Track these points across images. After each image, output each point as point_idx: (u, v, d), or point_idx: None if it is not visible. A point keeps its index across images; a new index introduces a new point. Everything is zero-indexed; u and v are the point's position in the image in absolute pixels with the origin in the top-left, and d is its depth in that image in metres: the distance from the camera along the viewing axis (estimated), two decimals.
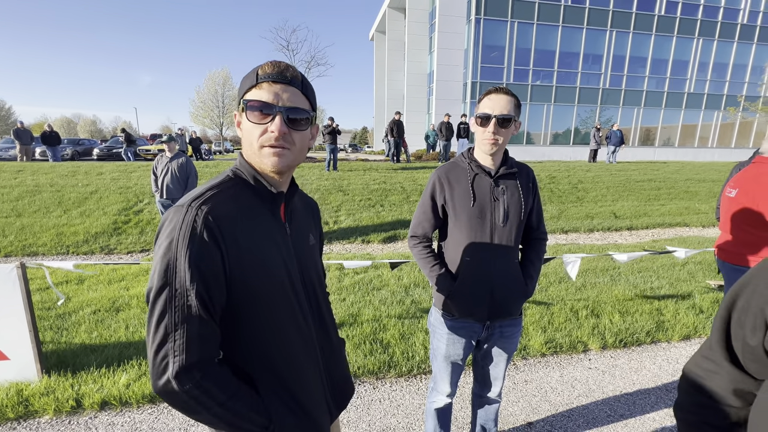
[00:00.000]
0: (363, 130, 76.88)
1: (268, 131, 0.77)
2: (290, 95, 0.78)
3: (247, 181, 0.84)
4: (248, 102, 0.77)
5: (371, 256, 5.55)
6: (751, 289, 0.66)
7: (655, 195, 10.03)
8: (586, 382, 2.52)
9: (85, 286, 4.22)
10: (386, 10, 28.64)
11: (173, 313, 0.70)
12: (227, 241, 0.74)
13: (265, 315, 0.82)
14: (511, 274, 1.44)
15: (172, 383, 0.69)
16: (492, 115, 1.30)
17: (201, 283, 0.71)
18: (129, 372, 2.47)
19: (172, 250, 0.70)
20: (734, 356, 0.70)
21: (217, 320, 0.76)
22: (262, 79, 0.77)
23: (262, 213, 0.83)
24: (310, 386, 0.90)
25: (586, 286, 4.15)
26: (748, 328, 0.65)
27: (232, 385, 0.76)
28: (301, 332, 0.88)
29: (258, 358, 0.83)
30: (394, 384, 2.48)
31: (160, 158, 5.14)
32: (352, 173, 10.51)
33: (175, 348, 0.70)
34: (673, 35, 21.68)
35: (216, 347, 0.77)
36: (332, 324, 1.03)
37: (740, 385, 0.69)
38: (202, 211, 0.72)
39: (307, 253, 0.94)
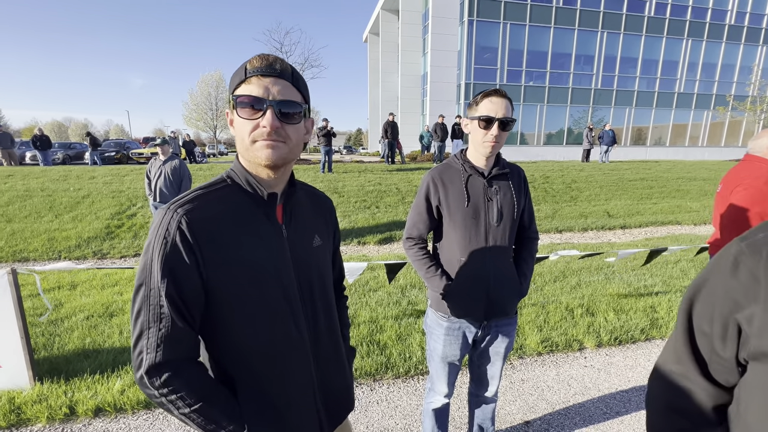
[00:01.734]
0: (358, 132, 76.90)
1: (260, 126, 0.75)
2: (281, 88, 0.76)
3: (239, 183, 0.82)
4: (238, 98, 0.74)
5: (367, 258, 5.55)
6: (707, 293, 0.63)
7: (647, 194, 10.15)
8: (582, 380, 2.53)
9: (78, 291, 4.17)
10: (379, 11, 28.70)
11: (147, 312, 0.71)
12: (202, 245, 0.73)
13: (248, 321, 0.80)
14: (506, 273, 1.45)
15: (144, 379, 0.71)
16: (495, 118, 1.30)
17: (172, 285, 0.71)
18: (123, 378, 2.44)
19: (149, 252, 0.72)
20: (706, 369, 0.64)
21: (193, 323, 0.75)
22: (251, 73, 0.75)
23: (254, 216, 0.81)
24: (297, 397, 0.86)
25: (581, 285, 4.18)
26: (717, 337, 0.61)
27: (206, 389, 0.75)
28: (291, 339, 0.85)
29: (239, 364, 0.81)
30: (391, 385, 2.47)
31: (153, 161, 5.08)
32: (347, 175, 10.50)
33: (148, 345, 0.71)
34: (662, 36, 21.99)
35: (190, 348, 0.77)
36: (335, 333, 0.97)
37: (717, 400, 0.64)
38: (178, 214, 0.72)
39: (310, 255, 0.90)
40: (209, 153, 31.76)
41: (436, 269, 1.46)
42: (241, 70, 0.76)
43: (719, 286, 0.61)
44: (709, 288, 0.63)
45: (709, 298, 0.62)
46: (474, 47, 20.27)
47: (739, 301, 0.58)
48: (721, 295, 0.60)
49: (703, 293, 0.63)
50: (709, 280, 0.63)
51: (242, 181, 0.82)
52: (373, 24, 31.50)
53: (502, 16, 20.08)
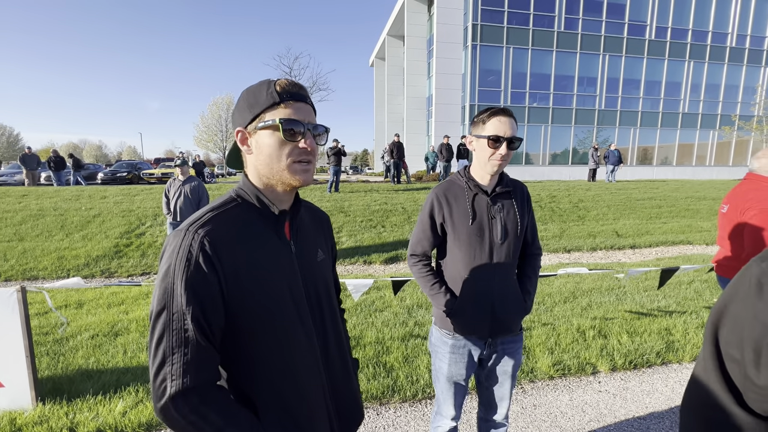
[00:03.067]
0: (364, 153, 77.98)
1: (299, 147, 0.79)
2: (309, 112, 0.81)
3: (250, 201, 0.84)
4: (284, 121, 0.77)
5: (373, 277, 5.50)
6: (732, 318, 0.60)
7: (656, 213, 10.04)
8: (596, 406, 2.43)
9: (84, 310, 4.17)
10: (385, 37, 29.68)
11: (171, 337, 0.70)
12: (224, 265, 0.74)
13: (266, 338, 0.80)
14: (511, 290, 1.44)
15: (170, 407, 0.69)
16: (504, 138, 1.32)
17: (197, 307, 0.71)
18: (126, 399, 2.40)
19: (169, 275, 0.71)
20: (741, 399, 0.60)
21: (215, 344, 0.75)
22: (286, 98, 0.78)
23: (265, 233, 0.82)
24: (314, 411, 0.87)
25: (592, 306, 4.09)
26: (749, 364, 0.58)
27: (231, 411, 0.74)
28: (305, 354, 0.85)
29: (259, 382, 0.81)
30: (398, 409, 2.40)
31: (172, 182, 5.25)
32: (353, 194, 10.58)
33: (173, 372, 0.69)
34: (664, 58, 22.31)
35: (214, 371, 0.76)
36: (341, 344, 0.98)
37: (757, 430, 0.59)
38: (198, 234, 0.73)
39: (315, 269, 0.92)
40: (218, 173, 32.37)
41: (440, 286, 1.45)
42: (268, 93, 0.78)
43: (745, 309, 0.58)
44: (733, 311, 0.60)
45: (736, 322, 0.60)
46: (478, 70, 20.73)
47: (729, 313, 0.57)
48: (749, 319, 0.57)
49: (728, 317, 0.60)
50: (733, 303, 0.60)
51: (253, 199, 0.84)
52: (380, 49, 32.51)
53: (505, 41, 20.61)
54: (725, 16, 22.35)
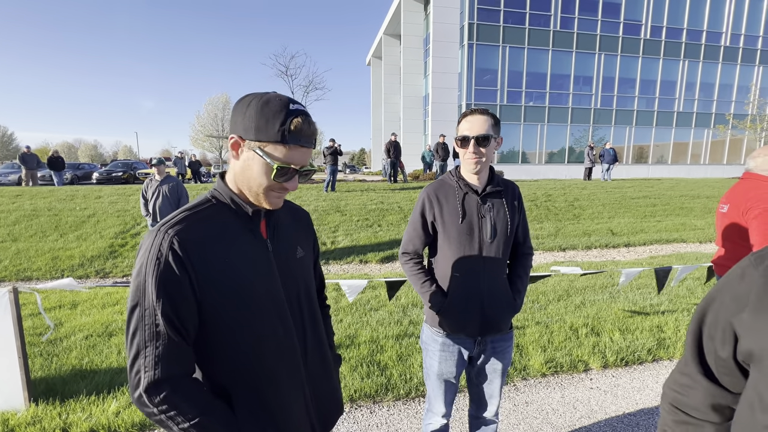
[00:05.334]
0: (361, 152, 77.90)
1: (281, 186, 0.83)
2: (307, 156, 0.84)
3: (224, 202, 0.85)
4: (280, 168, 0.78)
5: (369, 276, 5.51)
6: (718, 302, 0.67)
7: (651, 211, 10.11)
8: (588, 403, 2.46)
9: (78, 310, 4.16)
10: (382, 36, 29.63)
11: (144, 331, 0.73)
12: (195, 263, 0.75)
13: (242, 335, 0.82)
14: (500, 289, 1.46)
15: (143, 397, 0.72)
16: (470, 136, 1.35)
17: (168, 304, 0.73)
18: (119, 399, 2.40)
19: (141, 273, 0.74)
20: (708, 370, 0.70)
21: (188, 339, 0.77)
22: (295, 141, 0.78)
23: (240, 232, 0.84)
24: (291, 405, 0.89)
25: (586, 304, 4.12)
26: (718, 340, 0.66)
27: (204, 402, 0.77)
28: (282, 350, 0.87)
29: (235, 377, 0.83)
30: (391, 408, 2.41)
31: (149, 182, 5.05)
32: (349, 194, 10.58)
33: (146, 364, 0.73)
34: (659, 57, 22.43)
35: (187, 364, 0.79)
36: (320, 339, 1.00)
37: (718, 399, 0.69)
38: (168, 234, 0.75)
39: (294, 266, 0.94)
40: (214, 173, 32.26)
41: (431, 284, 1.47)
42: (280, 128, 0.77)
43: (727, 293, 0.66)
44: (719, 297, 0.68)
45: (719, 305, 0.68)
46: (474, 69, 20.76)
47: (738, 305, 0.64)
48: (726, 302, 0.66)
49: (715, 302, 0.68)
50: (721, 290, 0.68)
51: (227, 200, 0.85)
52: (376, 48, 32.47)
53: (501, 40, 20.65)
54: (719, 15, 22.49)
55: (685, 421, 0.72)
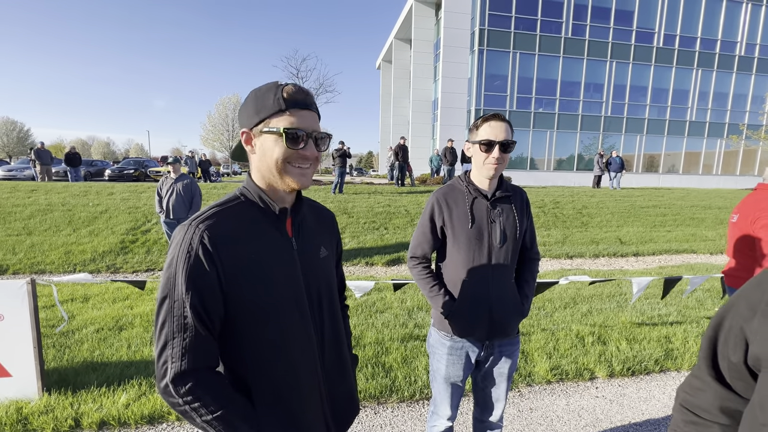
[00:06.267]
0: (369, 155, 78.10)
1: (300, 154, 0.83)
2: (314, 120, 0.85)
3: (252, 200, 0.88)
4: (287, 131, 0.80)
5: (375, 278, 5.53)
6: (735, 308, 0.69)
7: (660, 221, 9.99)
8: (593, 411, 2.45)
9: (90, 304, 4.24)
10: (392, 40, 29.79)
11: (172, 323, 0.75)
12: (223, 259, 0.78)
13: (264, 330, 0.84)
14: (509, 293, 1.46)
15: (170, 387, 0.74)
16: (495, 141, 1.36)
17: (196, 297, 0.75)
18: (129, 392, 2.45)
19: (172, 266, 0.77)
20: (720, 374, 0.72)
21: (214, 332, 0.79)
22: (291, 105, 0.81)
23: (266, 230, 0.86)
24: (308, 402, 0.90)
25: (592, 312, 4.09)
26: (731, 345, 0.68)
27: (226, 395, 0.79)
28: (302, 347, 0.89)
29: (256, 372, 0.85)
30: (395, 409, 2.43)
31: (164, 179, 5.24)
32: (357, 196, 10.63)
33: (173, 355, 0.75)
34: (672, 66, 22.21)
35: (212, 357, 0.80)
36: (339, 339, 1.01)
37: (727, 402, 0.71)
38: (199, 229, 0.77)
39: (317, 266, 0.95)
40: (224, 172, 32.59)
41: (440, 288, 1.48)
42: (275, 99, 0.81)
43: (743, 300, 0.69)
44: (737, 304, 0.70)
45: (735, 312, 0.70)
46: (484, 75, 20.75)
47: (751, 312, 0.66)
48: (741, 309, 0.68)
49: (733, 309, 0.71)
50: (739, 297, 0.71)
51: (255, 197, 0.88)
52: (386, 52, 32.64)
53: (511, 46, 20.62)
54: (734, 24, 22.22)
55: (694, 422, 0.75)
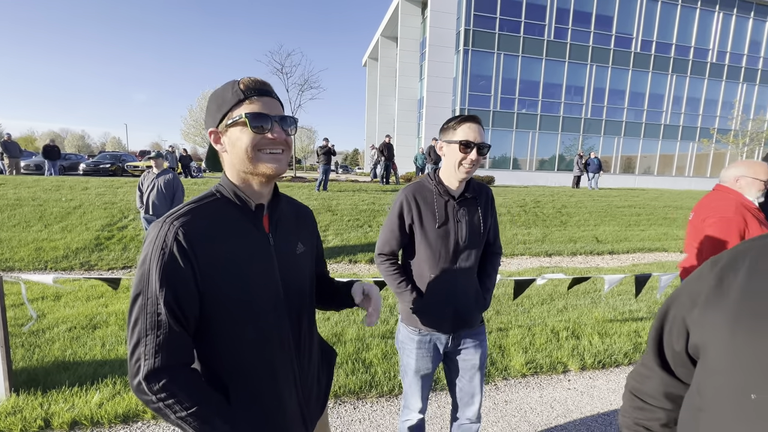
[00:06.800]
0: (354, 152, 77.81)
1: (267, 138, 0.83)
2: (276, 106, 0.86)
3: (228, 197, 0.88)
4: (250, 115, 0.81)
5: (358, 276, 5.55)
6: (678, 300, 0.74)
7: (635, 221, 10.35)
8: (565, 403, 2.54)
9: (62, 302, 4.11)
10: (379, 38, 29.73)
11: (145, 319, 0.75)
12: (198, 256, 0.78)
13: (240, 327, 0.84)
14: (472, 288, 1.53)
15: (143, 385, 0.74)
16: (474, 143, 1.39)
17: (170, 293, 0.75)
18: (103, 391, 2.40)
19: (146, 263, 0.76)
20: (666, 362, 0.77)
21: (189, 329, 0.79)
22: (250, 94, 0.82)
23: (243, 226, 0.87)
24: (285, 399, 0.91)
25: (568, 308, 4.23)
26: (674, 335, 0.73)
27: (200, 392, 0.78)
28: (279, 344, 0.89)
29: (232, 369, 0.85)
30: (375, 404, 2.46)
31: (146, 174, 5.13)
32: (341, 194, 10.60)
33: (146, 352, 0.74)
34: (648, 71, 22.98)
35: (186, 354, 0.80)
36: (314, 336, 1.02)
37: (671, 388, 0.76)
38: (174, 226, 0.77)
39: (294, 262, 0.96)
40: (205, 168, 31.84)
41: (407, 284, 1.51)
42: (233, 92, 0.83)
43: (685, 292, 0.73)
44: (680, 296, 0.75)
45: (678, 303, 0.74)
46: (469, 75, 20.98)
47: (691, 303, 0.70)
48: (684, 300, 0.73)
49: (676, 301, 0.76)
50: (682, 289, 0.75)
51: (230, 194, 0.88)
52: (373, 49, 32.56)
53: (496, 47, 20.91)
54: (707, 33, 23.14)
55: (641, 407, 0.80)
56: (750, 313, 0.60)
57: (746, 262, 0.66)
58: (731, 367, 0.61)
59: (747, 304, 0.61)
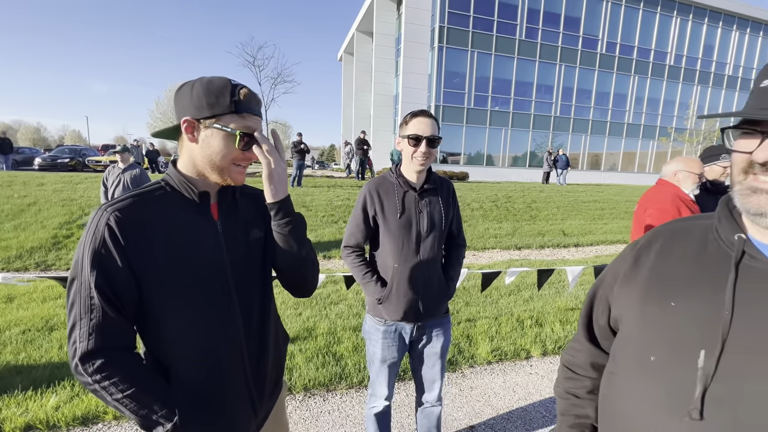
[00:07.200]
0: (331, 148, 77.02)
1: (245, 156, 0.89)
2: (260, 125, 0.91)
3: (174, 186, 0.89)
4: (243, 134, 0.85)
5: (332, 271, 5.55)
6: (605, 280, 0.82)
7: (599, 215, 10.88)
8: (526, 387, 2.68)
9: (15, 304, 3.88)
10: (354, 33, 29.49)
11: (80, 303, 0.77)
12: (133, 242, 0.79)
13: (184, 312, 0.85)
14: (436, 277, 1.58)
15: (79, 366, 0.75)
16: (423, 137, 1.45)
17: (101, 278, 0.76)
18: (60, 393, 2.31)
19: (80, 247, 0.78)
20: (593, 337, 0.85)
21: (125, 313, 0.80)
22: (248, 110, 0.86)
23: (187, 215, 0.87)
24: (230, 383, 0.92)
25: (534, 298, 4.42)
26: (600, 311, 0.81)
27: (138, 374, 0.80)
28: (225, 328, 0.90)
29: (173, 353, 0.86)
30: (344, 395, 2.50)
31: (111, 169, 4.91)
32: (316, 189, 10.52)
33: (81, 335, 0.76)
34: (613, 72, 24.05)
35: (124, 338, 0.81)
36: (265, 319, 1.02)
37: (596, 359, 0.84)
38: (108, 212, 0.78)
39: (248, 248, 0.97)
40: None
41: (372, 275, 1.57)
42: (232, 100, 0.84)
43: (610, 272, 0.80)
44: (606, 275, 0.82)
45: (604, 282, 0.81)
46: (444, 72, 21.21)
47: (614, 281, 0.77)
48: (608, 279, 0.80)
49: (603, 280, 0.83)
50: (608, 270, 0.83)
51: (177, 184, 0.89)
52: (348, 44, 32.26)
53: (470, 45, 21.24)
54: (666, 36, 24.46)
55: (572, 377, 0.88)
56: (656, 287, 0.68)
57: (658, 244, 0.74)
58: (639, 335, 0.68)
59: (654, 280, 0.69)
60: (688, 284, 0.64)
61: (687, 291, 0.63)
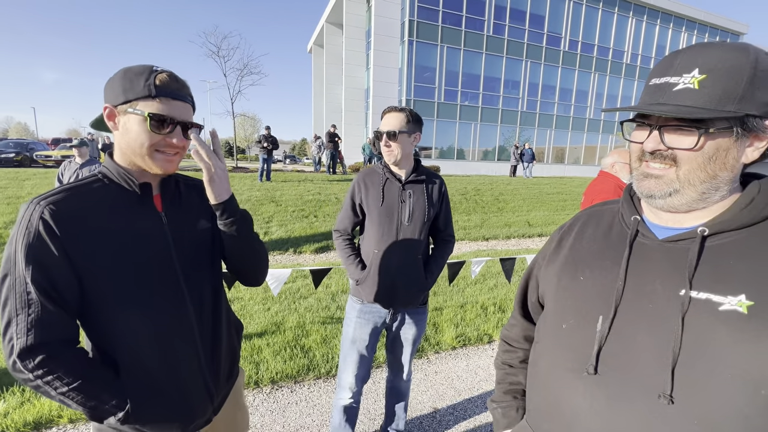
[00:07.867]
0: (302, 142, 75.63)
1: (166, 141, 0.85)
2: (186, 111, 0.87)
3: (113, 178, 0.88)
4: (152, 115, 0.81)
5: (301, 266, 5.53)
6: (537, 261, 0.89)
7: (562, 206, 11.42)
8: (487, 369, 2.82)
9: None
10: (324, 24, 28.97)
11: (15, 299, 0.74)
12: (70, 235, 0.77)
13: (129, 304, 0.84)
14: (412, 267, 1.65)
15: (17, 363, 0.73)
16: (382, 132, 1.56)
17: (37, 272, 0.74)
18: (8, 400, 2.19)
19: (12, 243, 0.75)
20: (527, 312, 0.94)
21: (66, 307, 0.79)
22: (162, 94, 0.82)
23: (127, 206, 0.87)
24: (183, 371, 0.93)
25: (498, 286, 4.61)
26: (531, 289, 0.90)
27: (83, 366, 0.79)
28: (174, 319, 0.91)
29: (120, 346, 0.85)
30: (312, 386, 2.53)
31: (67, 164, 4.61)
32: (286, 184, 10.35)
33: (18, 331, 0.74)
34: (575, 68, 25.10)
35: (65, 331, 0.80)
36: (218, 307, 1.03)
37: (528, 332, 0.93)
38: (41, 206, 0.76)
39: (193, 237, 0.97)
40: None
41: (355, 258, 1.67)
42: (145, 84, 0.81)
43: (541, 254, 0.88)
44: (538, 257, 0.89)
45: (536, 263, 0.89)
46: (414, 66, 21.32)
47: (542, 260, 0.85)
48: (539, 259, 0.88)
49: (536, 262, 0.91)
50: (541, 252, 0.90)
51: (115, 175, 0.88)
52: (318, 36, 31.66)
53: (439, 39, 21.45)
54: (622, 36, 25.78)
55: (508, 350, 0.98)
56: (571, 264, 0.77)
57: (577, 227, 0.84)
58: (554, 307, 0.77)
59: (570, 258, 0.78)
60: (594, 260, 0.73)
61: (593, 266, 0.72)
